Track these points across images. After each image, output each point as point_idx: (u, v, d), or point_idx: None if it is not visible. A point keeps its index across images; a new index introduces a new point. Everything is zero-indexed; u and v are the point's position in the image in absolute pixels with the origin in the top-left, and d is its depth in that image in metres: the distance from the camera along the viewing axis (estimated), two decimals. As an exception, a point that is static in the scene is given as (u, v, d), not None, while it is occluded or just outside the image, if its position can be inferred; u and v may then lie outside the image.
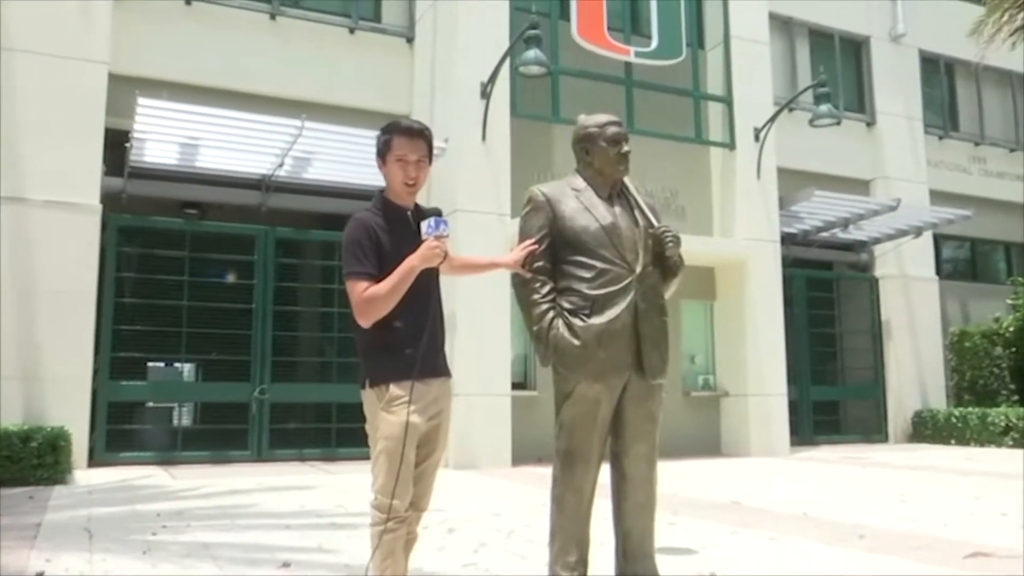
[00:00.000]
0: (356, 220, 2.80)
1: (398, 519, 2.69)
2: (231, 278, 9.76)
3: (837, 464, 9.80)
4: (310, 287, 10.16)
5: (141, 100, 8.25)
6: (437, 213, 2.78)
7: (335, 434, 9.73)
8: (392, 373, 2.73)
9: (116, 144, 9.02)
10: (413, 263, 2.69)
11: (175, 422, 9.63)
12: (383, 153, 2.87)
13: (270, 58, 10.16)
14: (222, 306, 9.48)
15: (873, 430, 13.30)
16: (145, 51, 9.57)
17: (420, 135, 2.87)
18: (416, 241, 2.73)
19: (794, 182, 12.44)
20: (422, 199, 2.99)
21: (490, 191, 9.67)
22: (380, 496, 2.70)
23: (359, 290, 2.71)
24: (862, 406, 13.51)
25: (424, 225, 2.72)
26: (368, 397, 2.79)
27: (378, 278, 2.71)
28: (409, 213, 2.86)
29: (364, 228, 2.76)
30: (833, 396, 13.31)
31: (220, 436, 9.41)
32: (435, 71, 10.36)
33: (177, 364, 9.72)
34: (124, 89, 8.79)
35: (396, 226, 2.79)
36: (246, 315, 9.54)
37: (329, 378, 9.97)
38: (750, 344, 11.27)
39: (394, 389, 2.72)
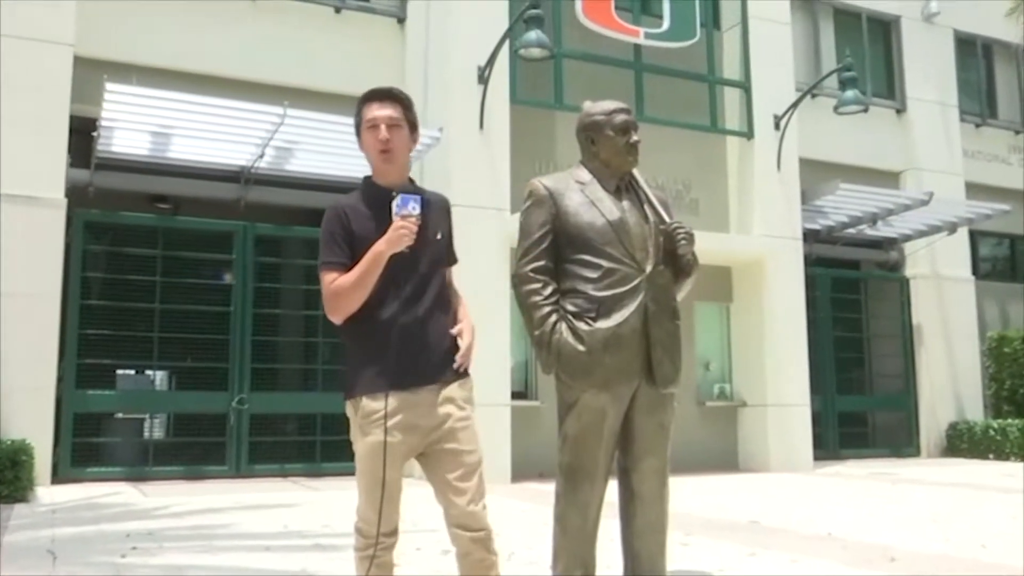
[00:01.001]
0: (330, 207, 2.77)
1: (384, 546, 2.66)
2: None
3: (864, 480, 9.81)
4: (293, 288, 10.17)
5: (109, 85, 8.26)
6: (411, 191, 2.73)
7: (320, 448, 9.74)
8: (366, 382, 2.65)
9: (82, 133, 9.02)
10: (379, 248, 2.62)
11: (146, 435, 9.63)
12: (358, 128, 2.84)
13: (250, 40, 10.17)
14: (197, 309, 9.48)
15: (904, 443, 13.31)
16: (114, 32, 9.57)
17: (388, 96, 2.81)
18: None
19: (818, 174, 12.44)
20: None
21: (488, 184, 9.69)
22: (362, 522, 2.69)
23: (327, 282, 2.69)
24: (892, 417, 13.52)
25: (394, 205, 2.66)
26: (348, 410, 2.73)
27: (350, 267, 2.67)
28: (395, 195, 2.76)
29: (335, 214, 2.74)
30: (860, 406, 13.31)
31: (195, 450, 9.41)
32: (428, 54, 10.37)
33: (148, 372, 9.73)
34: (91, 73, 8.80)
35: (379, 210, 2.71)
36: (223, 318, 9.54)
37: (313, 387, 9.98)
38: (769, 350, 11.27)
39: (367, 402, 2.63)
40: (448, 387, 2.72)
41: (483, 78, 9.79)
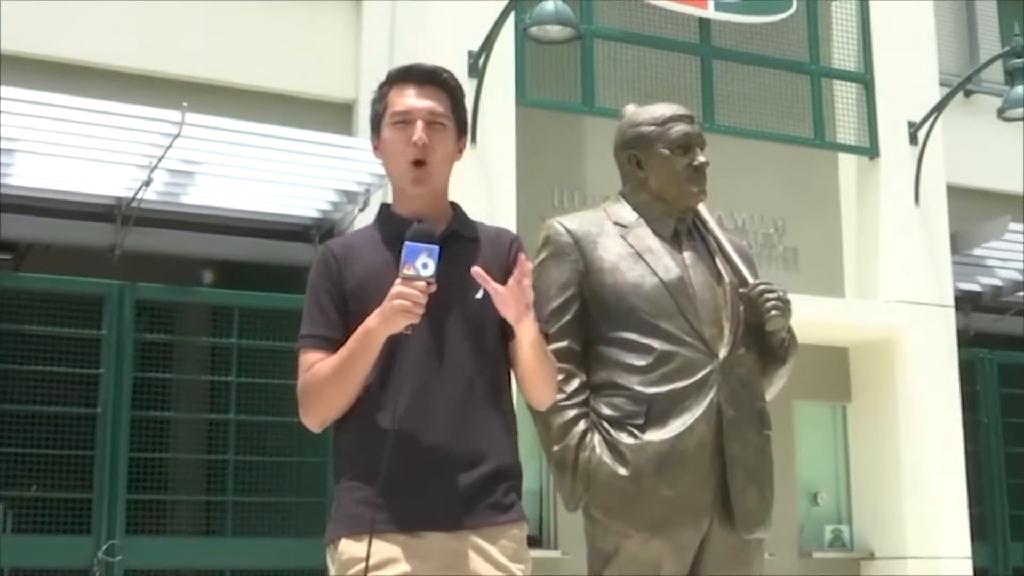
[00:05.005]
0: (319, 251, 2.81)
1: None
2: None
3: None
4: (191, 380, 10.15)
5: (-75, 80, 8.38)
6: (425, 236, 2.61)
7: (228, 621, 9.66)
8: (348, 517, 2.65)
9: None
10: (369, 325, 2.59)
11: (-33, 601, 9.56)
12: (378, 121, 2.86)
13: (140, 16, 10.29)
14: (48, 410, 9.46)
15: (1114, 615, 13.15)
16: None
17: (433, 78, 2.84)
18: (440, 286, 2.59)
19: (975, 209, 12.50)
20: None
21: (485, 220, 9.70)
22: None
23: (301, 369, 2.71)
24: (1095, 575, 13.38)
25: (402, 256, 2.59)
26: (328, 560, 2.72)
27: (341, 344, 2.66)
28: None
29: (322, 262, 2.77)
30: (1047, 559, 13.19)
31: (40, 625, 9.33)
32: (395, 35, 10.50)
33: (-28, 505, 9.69)
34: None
35: (396, 256, 2.63)
36: (87, 425, 9.51)
37: (221, 529, 9.89)
38: (908, 473, 11.20)
39: (347, 546, 2.62)
40: (482, 534, 2.67)
41: (477, 69, 9.90)
